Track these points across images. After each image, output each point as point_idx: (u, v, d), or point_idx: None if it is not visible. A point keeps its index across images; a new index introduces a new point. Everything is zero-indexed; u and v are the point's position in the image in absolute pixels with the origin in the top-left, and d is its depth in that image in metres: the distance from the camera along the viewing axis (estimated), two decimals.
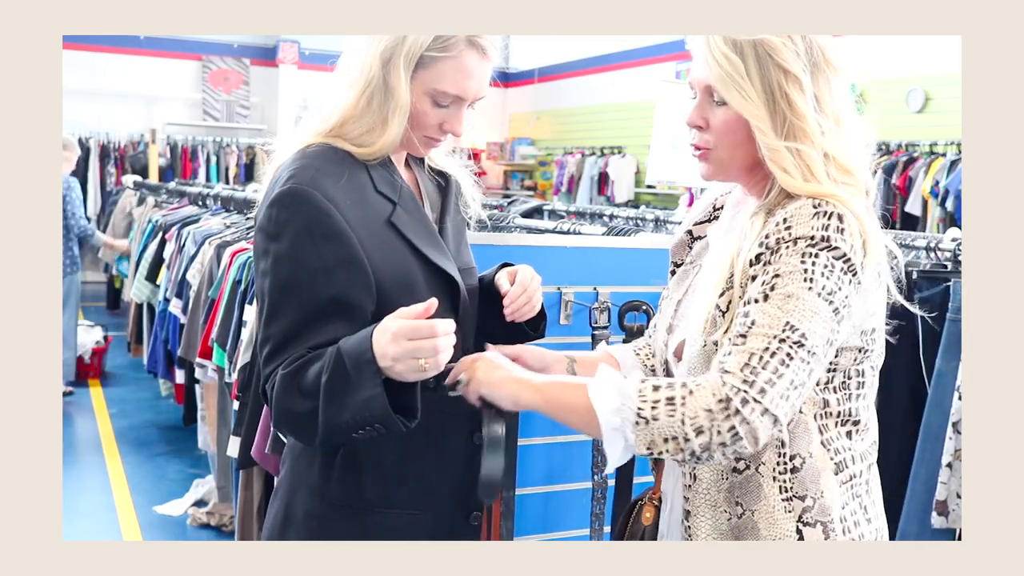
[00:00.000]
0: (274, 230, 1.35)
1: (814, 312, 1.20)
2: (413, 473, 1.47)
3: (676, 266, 1.53)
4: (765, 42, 1.27)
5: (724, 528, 1.33)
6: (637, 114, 10.30)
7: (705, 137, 1.34)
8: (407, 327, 1.22)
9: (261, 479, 2.99)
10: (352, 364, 1.25)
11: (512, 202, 5.58)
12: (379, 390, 1.23)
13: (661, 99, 3.69)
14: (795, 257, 1.22)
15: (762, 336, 1.20)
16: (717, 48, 1.28)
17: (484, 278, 1.63)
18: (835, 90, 1.31)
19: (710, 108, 1.33)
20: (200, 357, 3.58)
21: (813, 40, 1.30)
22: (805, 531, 1.31)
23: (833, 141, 1.29)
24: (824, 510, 1.31)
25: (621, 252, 2.40)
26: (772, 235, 1.24)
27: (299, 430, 1.37)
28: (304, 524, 1.46)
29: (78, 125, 10.90)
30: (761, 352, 1.19)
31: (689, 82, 1.37)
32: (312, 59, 11.84)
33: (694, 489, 1.36)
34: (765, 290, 1.22)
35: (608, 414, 1.22)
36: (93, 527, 3.92)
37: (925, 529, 2.33)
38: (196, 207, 5.46)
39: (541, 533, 2.35)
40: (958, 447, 2.25)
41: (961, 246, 2.51)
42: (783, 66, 1.26)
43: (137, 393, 6.11)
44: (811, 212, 1.23)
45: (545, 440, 2.31)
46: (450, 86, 1.41)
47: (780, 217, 1.25)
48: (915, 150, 7.22)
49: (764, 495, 1.31)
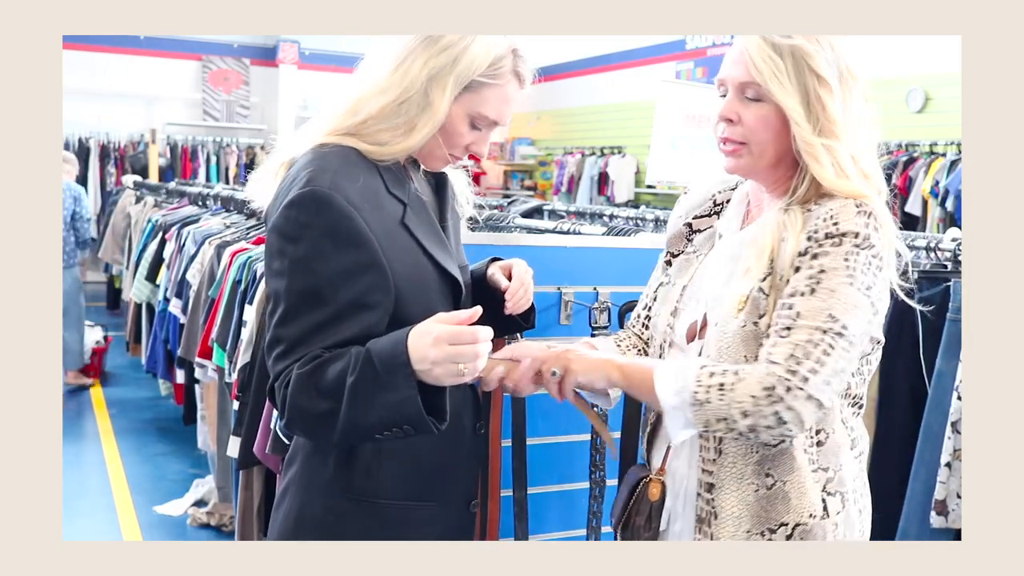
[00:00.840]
0: (293, 232, 1.34)
1: (855, 305, 1.32)
2: (428, 466, 1.49)
3: (672, 255, 1.62)
4: (801, 48, 1.37)
5: (750, 500, 1.43)
6: (637, 114, 10.30)
7: (737, 130, 1.43)
8: (451, 332, 1.24)
9: (261, 479, 2.99)
10: (384, 366, 1.26)
11: (512, 202, 5.58)
12: (413, 392, 1.25)
13: (661, 99, 3.69)
14: (840, 255, 1.33)
15: (806, 328, 1.31)
16: (760, 49, 1.38)
17: (475, 272, 1.66)
18: (856, 98, 1.41)
19: (743, 104, 1.42)
20: (200, 357, 3.58)
21: (840, 49, 1.40)
22: (828, 500, 1.43)
23: (856, 144, 1.40)
24: (842, 481, 1.45)
25: (621, 252, 2.39)
26: (820, 229, 1.35)
27: (314, 430, 1.36)
28: (322, 521, 1.46)
29: (78, 125, 10.91)
30: (805, 343, 1.30)
31: (720, 80, 1.46)
32: (312, 59, 11.84)
33: (719, 463, 1.45)
34: (812, 284, 1.33)
35: (669, 395, 1.35)
36: (93, 527, 3.92)
37: (925, 529, 2.33)
38: (196, 207, 5.46)
39: (541, 533, 2.35)
40: (957, 447, 2.25)
41: (961, 246, 2.51)
42: (816, 71, 1.37)
43: (137, 393, 6.11)
44: (854, 211, 1.35)
45: (545, 440, 2.31)
46: (492, 112, 1.45)
47: (825, 213, 1.36)
48: (915, 150, 7.22)
49: (796, 467, 1.42)
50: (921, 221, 6.88)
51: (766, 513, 1.42)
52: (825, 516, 1.42)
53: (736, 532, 1.43)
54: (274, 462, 2.58)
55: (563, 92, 12.37)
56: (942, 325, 2.37)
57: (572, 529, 2.37)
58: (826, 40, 1.39)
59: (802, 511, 1.41)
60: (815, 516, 1.41)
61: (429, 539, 1.48)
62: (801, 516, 1.41)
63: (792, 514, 1.41)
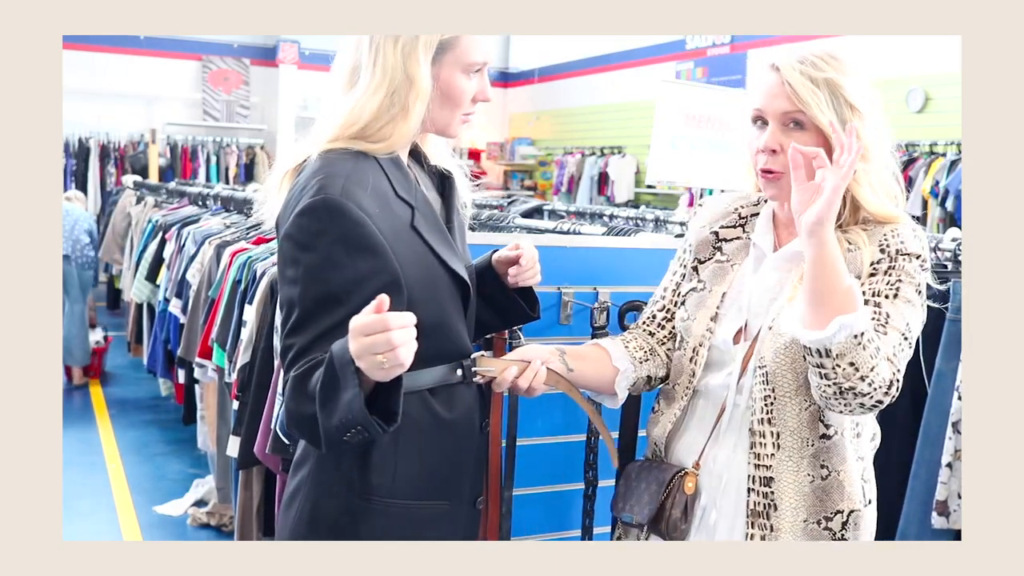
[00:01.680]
0: (306, 240, 1.35)
1: (919, 317, 1.49)
2: (442, 465, 1.51)
3: (700, 262, 1.69)
4: (834, 80, 1.48)
5: (807, 490, 1.52)
6: (637, 114, 10.30)
7: (780, 160, 1.51)
8: (361, 324, 1.20)
9: (261, 479, 2.99)
10: (339, 365, 1.24)
11: (512, 202, 5.58)
12: (356, 390, 1.22)
13: (661, 99, 3.68)
14: (911, 270, 1.49)
15: (895, 331, 1.45)
16: (800, 82, 1.48)
17: (477, 266, 1.68)
18: (881, 126, 1.53)
19: (786, 135, 1.50)
20: (200, 357, 3.58)
21: (863, 74, 1.52)
22: (865, 488, 1.57)
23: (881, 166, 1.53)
24: (868, 468, 1.60)
25: (621, 252, 2.39)
26: (892, 245, 1.50)
27: (308, 433, 1.36)
28: (336, 521, 1.46)
29: (78, 125, 10.91)
30: (895, 347, 1.43)
31: (757, 113, 1.54)
32: (312, 59, 11.84)
33: (778, 458, 1.53)
34: (893, 290, 1.48)
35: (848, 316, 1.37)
36: (93, 527, 3.92)
37: (925, 529, 2.33)
38: (196, 207, 5.47)
39: (540, 533, 2.35)
40: (958, 447, 2.25)
41: (961, 246, 2.51)
42: (849, 100, 1.48)
43: (137, 393, 6.11)
44: (912, 233, 1.52)
45: (544, 440, 2.31)
46: (477, 55, 1.49)
47: (890, 232, 1.51)
48: (915, 150, 7.22)
49: (847, 457, 1.54)
50: (921, 221, 6.87)
51: (821, 503, 1.52)
52: (867, 503, 1.55)
53: (795, 521, 1.52)
54: (274, 462, 2.58)
55: (563, 92, 12.37)
56: (942, 325, 2.37)
57: (571, 529, 2.37)
58: (851, 68, 1.51)
59: (855, 499, 1.53)
60: (863, 503, 1.54)
61: (440, 537, 1.50)
62: (854, 503, 1.53)
63: (846, 502, 1.52)
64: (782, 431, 1.52)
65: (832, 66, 1.49)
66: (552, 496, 2.36)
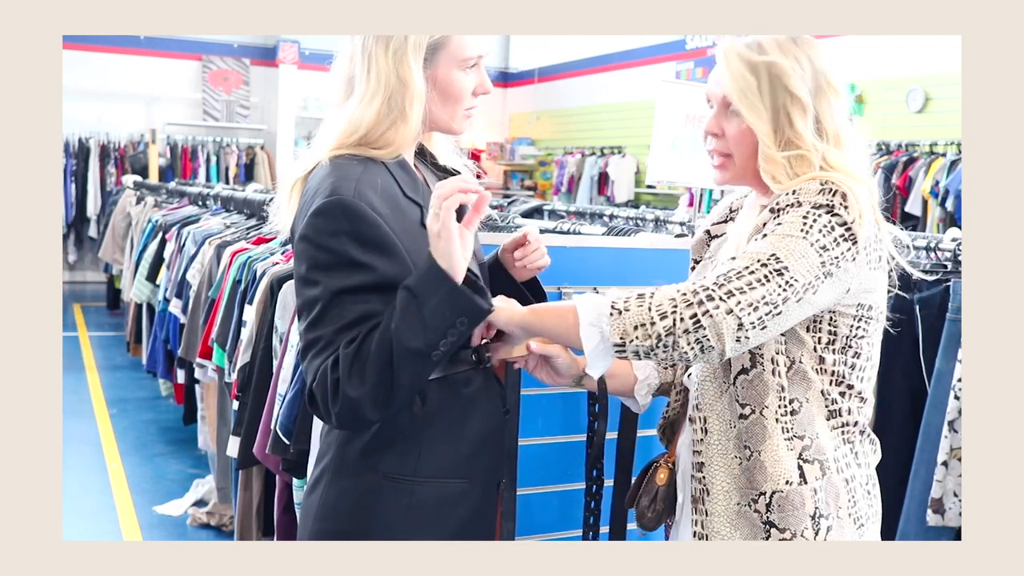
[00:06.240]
0: (322, 240, 1.38)
1: (803, 255, 1.33)
2: (464, 442, 1.53)
3: (695, 263, 1.69)
4: (776, 65, 1.43)
5: (736, 472, 1.47)
6: (637, 114, 10.30)
7: (722, 143, 1.51)
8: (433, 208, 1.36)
9: (261, 479, 2.99)
10: (418, 282, 1.34)
11: (512, 202, 5.59)
12: (452, 283, 1.34)
13: (661, 99, 3.68)
14: (799, 214, 1.36)
15: (745, 258, 1.34)
16: (735, 67, 1.45)
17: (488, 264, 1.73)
18: (836, 110, 1.46)
19: (726, 118, 1.49)
20: (200, 357, 3.58)
21: (820, 64, 1.45)
22: (805, 468, 1.45)
23: (833, 155, 1.44)
24: (820, 450, 1.46)
25: (621, 252, 2.39)
26: (782, 202, 1.39)
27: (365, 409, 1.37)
28: (359, 501, 1.49)
29: (78, 125, 10.91)
30: (740, 269, 1.33)
31: (707, 94, 1.53)
32: (312, 59, 11.84)
33: (706, 442, 1.50)
34: (765, 232, 1.37)
35: (589, 309, 1.37)
36: (93, 527, 3.92)
37: (925, 529, 2.34)
38: (196, 207, 5.47)
39: (541, 533, 2.35)
40: (955, 446, 2.26)
41: (961, 246, 2.51)
42: (790, 89, 1.43)
43: (137, 393, 6.11)
44: (818, 188, 1.38)
45: (545, 440, 2.31)
46: (470, 50, 1.50)
47: (787, 190, 1.40)
48: (915, 150, 7.21)
49: (768, 435, 1.45)
50: (921, 221, 6.88)
51: (748, 484, 1.46)
52: (803, 483, 1.44)
53: (727, 505, 1.48)
54: (274, 462, 2.58)
55: (563, 92, 12.37)
56: (942, 325, 2.37)
57: (566, 530, 2.37)
58: (804, 55, 1.44)
59: (778, 478, 1.44)
60: (791, 483, 1.43)
61: (460, 516, 1.52)
62: (777, 483, 1.44)
63: (769, 482, 1.44)
64: (708, 415, 1.50)
65: (782, 49, 1.44)
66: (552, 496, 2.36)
